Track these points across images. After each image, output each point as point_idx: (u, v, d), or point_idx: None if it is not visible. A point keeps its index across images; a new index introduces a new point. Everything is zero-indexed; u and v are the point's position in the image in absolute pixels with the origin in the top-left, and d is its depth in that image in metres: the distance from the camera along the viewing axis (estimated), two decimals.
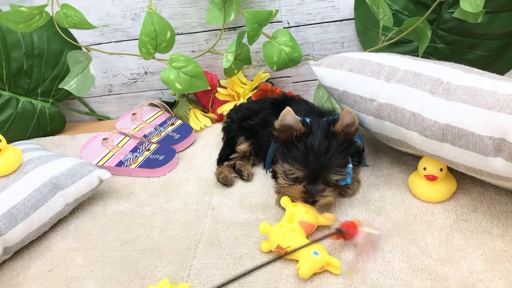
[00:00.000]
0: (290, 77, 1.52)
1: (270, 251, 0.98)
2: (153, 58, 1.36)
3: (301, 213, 0.99)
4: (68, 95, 1.61)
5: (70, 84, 1.40)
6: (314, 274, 0.91)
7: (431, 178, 1.01)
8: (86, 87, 1.39)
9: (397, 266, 0.90)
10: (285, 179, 1.04)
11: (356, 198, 1.10)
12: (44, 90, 1.57)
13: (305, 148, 0.99)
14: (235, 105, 1.39)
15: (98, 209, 1.23)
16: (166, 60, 1.35)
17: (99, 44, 1.53)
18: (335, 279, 0.90)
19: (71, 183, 1.14)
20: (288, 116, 0.99)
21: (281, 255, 0.94)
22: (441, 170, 1.00)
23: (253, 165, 1.27)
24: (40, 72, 1.53)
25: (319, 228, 1.02)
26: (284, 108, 1.02)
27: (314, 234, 1.01)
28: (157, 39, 1.31)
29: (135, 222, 1.15)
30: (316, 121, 1.03)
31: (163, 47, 1.34)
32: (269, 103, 1.28)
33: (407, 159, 1.18)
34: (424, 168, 1.01)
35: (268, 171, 1.20)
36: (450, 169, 1.02)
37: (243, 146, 1.26)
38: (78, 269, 1.05)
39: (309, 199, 1.00)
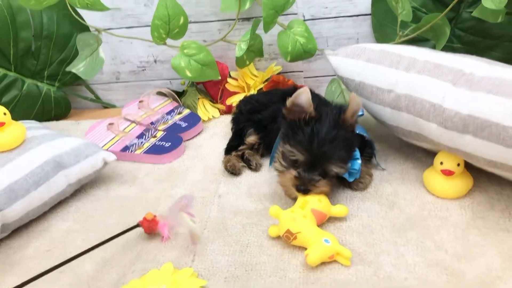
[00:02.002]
0: (302, 71, 1.50)
1: (278, 237, 0.95)
2: (164, 44, 1.34)
3: (314, 201, 0.96)
4: (74, 80, 1.58)
5: (78, 67, 1.37)
6: (324, 263, 0.88)
7: (448, 173, 0.98)
8: (94, 70, 1.37)
9: (411, 260, 0.87)
10: (281, 163, 1.01)
11: (368, 192, 1.06)
12: (51, 73, 1.54)
13: (311, 132, 0.95)
14: (244, 96, 1.36)
15: (100, 192, 1.19)
16: (177, 47, 1.33)
17: (109, 29, 1.50)
18: (346, 270, 0.86)
19: (75, 163, 1.10)
20: (303, 95, 0.96)
21: (288, 241, 0.91)
22: (458, 165, 0.97)
23: (262, 156, 1.24)
24: (48, 54, 1.50)
25: (331, 219, 0.99)
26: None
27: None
28: (169, 24, 1.29)
29: (139, 206, 1.12)
30: (326, 110, 1.00)
31: (176, 33, 1.32)
32: (279, 96, 1.24)
33: (421, 156, 1.15)
34: (441, 163, 0.98)
35: (272, 164, 1.15)
36: (466, 167, 0.99)
37: (252, 139, 1.23)
38: (77, 250, 0.99)
39: (301, 187, 0.96)
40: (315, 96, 1.21)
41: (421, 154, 1.15)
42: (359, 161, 1.03)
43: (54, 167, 1.07)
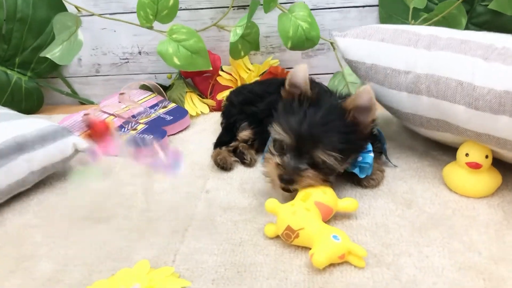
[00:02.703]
0: None
1: (277, 237, 0.79)
2: (151, 27, 1.21)
3: (317, 192, 0.81)
4: (50, 71, 1.44)
5: (53, 53, 1.22)
6: (332, 265, 0.72)
7: (475, 166, 0.84)
8: (70, 54, 1.22)
9: (438, 262, 0.72)
10: (270, 150, 0.87)
11: (380, 190, 0.92)
12: (23, 60, 1.39)
13: (303, 114, 0.82)
14: (236, 87, 1.22)
15: (68, 185, 1.03)
16: (165, 32, 1.20)
17: (91, 15, 1.37)
18: (361, 273, 0.72)
19: (39, 147, 0.94)
20: (300, 73, 0.84)
21: (289, 240, 0.76)
22: (486, 157, 0.84)
23: (257, 152, 1.09)
24: (21, 39, 1.36)
25: (338, 216, 0.84)
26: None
27: None
28: (158, 4, 1.16)
29: (112, 201, 0.96)
30: (328, 95, 0.89)
31: (164, 15, 1.19)
32: (275, 85, 1.10)
33: (437, 154, 1.02)
34: (466, 154, 0.85)
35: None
36: (492, 163, 0.87)
37: (245, 133, 1.09)
38: (34, 247, 0.84)
39: (285, 176, 0.82)
40: (316, 84, 1.08)
41: (437, 152, 1.02)
42: (372, 155, 0.89)
43: (14, 149, 0.91)
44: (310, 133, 0.81)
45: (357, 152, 0.88)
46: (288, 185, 0.83)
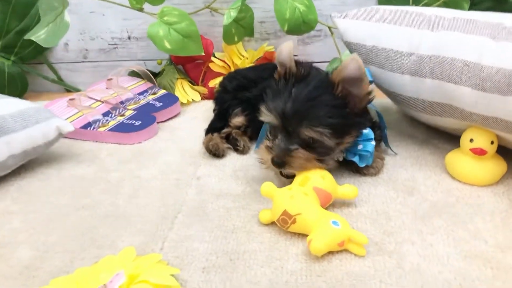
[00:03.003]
0: (296, 55, 1.33)
1: (273, 224, 0.75)
2: (141, 9, 1.16)
3: (316, 177, 0.77)
4: (34, 55, 1.38)
5: (38, 35, 1.17)
6: (331, 253, 0.68)
7: (479, 152, 0.80)
8: (56, 37, 1.17)
9: (443, 251, 0.68)
10: (267, 135, 0.83)
11: (379, 177, 0.88)
12: (6, 44, 1.33)
13: (288, 93, 0.78)
14: (229, 72, 1.17)
15: (51, 171, 0.97)
16: (155, 14, 1.15)
17: None
18: (361, 261, 0.67)
19: (20, 128, 0.89)
20: (285, 49, 0.80)
21: (285, 226, 0.71)
22: (492, 143, 0.81)
23: (251, 139, 1.04)
24: (4, 20, 1.30)
25: (336, 204, 0.79)
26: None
27: None
28: None
29: (97, 187, 0.91)
30: (317, 72, 0.84)
31: None
32: (270, 70, 1.05)
33: (438, 142, 0.98)
34: (471, 140, 0.81)
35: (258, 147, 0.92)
36: (497, 151, 0.83)
37: (238, 120, 1.04)
38: (12, 233, 0.78)
39: (276, 159, 0.78)
40: (310, 67, 1.03)
41: (438, 140, 0.98)
42: (373, 143, 0.85)
43: None
44: (294, 110, 0.77)
45: (353, 128, 0.82)
46: (280, 168, 0.79)
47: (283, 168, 0.79)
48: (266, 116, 0.81)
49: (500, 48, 0.73)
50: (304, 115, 0.76)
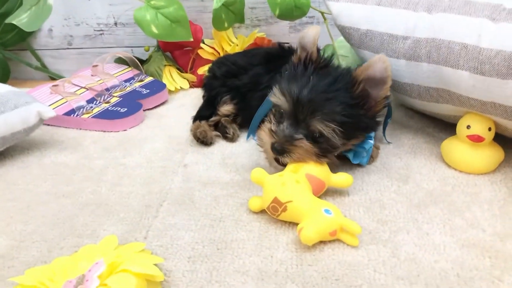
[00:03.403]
0: (288, 43, 1.29)
1: (262, 212, 0.72)
2: None
3: (309, 164, 0.74)
4: (17, 41, 1.33)
5: (20, 18, 1.13)
6: (323, 242, 0.65)
7: (477, 139, 0.78)
8: (39, 20, 1.13)
9: (439, 239, 0.66)
10: (270, 117, 0.79)
11: (373, 165, 0.85)
12: None
13: (307, 80, 0.75)
14: (218, 57, 1.14)
15: (32, 159, 0.93)
16: None
17: None
18: (354, 250, 0.64)
19: None
20: (311, 33, 0.76)
21: (276, 214, 0.68)
22: (489, 129, 0.78)
23: (240, 127, 1.01)
24: None
25: (328, 192, 0.76)
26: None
27: None
28: None
29: (79, 175, 0.87)
30: (337, 66, 0.81)
31: None
32: (260, 56, 1.02)
33: (433, 131, 0.95)
34: (468, 127, 0.78)
35: (252, 136, 0.88)
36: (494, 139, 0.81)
37: (226, 108, 1.01)
38: None
39: (276, 145, 0.74)
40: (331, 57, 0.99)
41: (432, 129, 0.96)
42: (372, 141, 0.82)
43: None
44: (310, 99, 0.73)
45: (362, 132, 0.79)
46: (279, 155, 0.75)
47: (281, 156, 0.75)
48: (277, 98, 0.77)
49: (500, 29, 0.70)
50: (319, 107, 0.73)
